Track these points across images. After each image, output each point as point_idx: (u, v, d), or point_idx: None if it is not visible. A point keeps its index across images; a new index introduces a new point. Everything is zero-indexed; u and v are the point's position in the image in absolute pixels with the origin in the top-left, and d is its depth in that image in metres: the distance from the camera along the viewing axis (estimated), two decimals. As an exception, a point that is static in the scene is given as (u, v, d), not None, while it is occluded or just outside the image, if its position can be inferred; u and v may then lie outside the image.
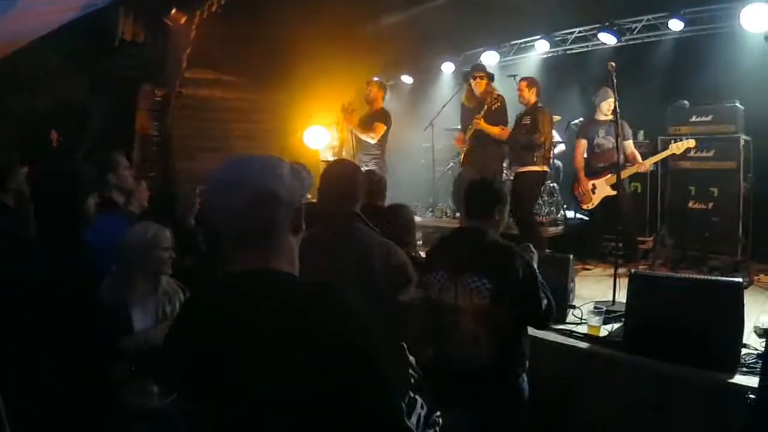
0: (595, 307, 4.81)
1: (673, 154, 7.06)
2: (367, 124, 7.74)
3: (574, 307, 5.16)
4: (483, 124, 7.29)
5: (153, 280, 3.36)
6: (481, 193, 3.54)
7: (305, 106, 11.23)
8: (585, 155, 7.62)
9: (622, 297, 4.98)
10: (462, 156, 7.90)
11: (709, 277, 4.42)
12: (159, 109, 10.43)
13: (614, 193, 7.03)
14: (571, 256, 5.18)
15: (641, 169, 7.21)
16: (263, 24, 9.38)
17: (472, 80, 7.60)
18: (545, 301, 3.25)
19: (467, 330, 3.27)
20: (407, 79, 11.37)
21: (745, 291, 6.07)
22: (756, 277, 6.61)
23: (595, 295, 5.83)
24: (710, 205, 7.20)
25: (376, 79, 10.89)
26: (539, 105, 7.28)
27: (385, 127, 7.69)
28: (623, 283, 5.12)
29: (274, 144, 10.92)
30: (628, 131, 7.24)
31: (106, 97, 10.07)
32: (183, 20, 9.41)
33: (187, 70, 10.32)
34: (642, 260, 7.39)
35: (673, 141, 7.07)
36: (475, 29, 9.65)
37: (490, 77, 7.61)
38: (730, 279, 4.21)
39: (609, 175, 7.19)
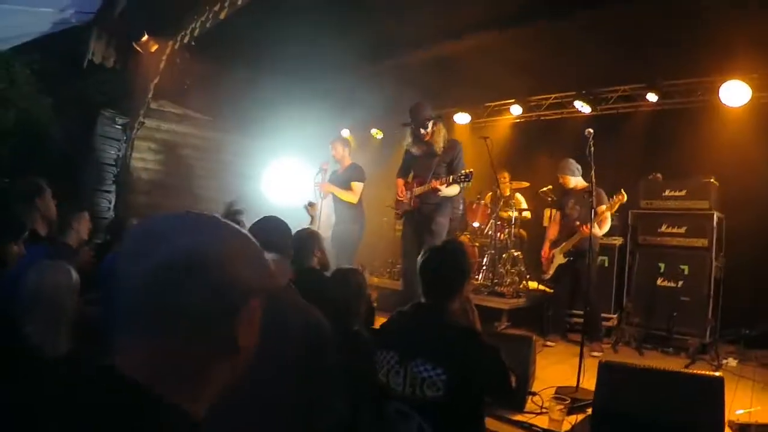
0: (557, 395, 4.10)
1: (635, 229, 6.75)
2: (343, 184, 7.06)
3: (533, 393, 4.42)
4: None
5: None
6: (444, 267, 2.93)
7: (271, 152, 10.53)
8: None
9: (586, 380, 4.43)
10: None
11: (688, 371, 3.71)
12: (118, 138, 9.64)
13: (564, 261, 6.55)
14: (534, 337, 4.57)
15: (584, 233, 6.39)
16: (236, 64, 8.91)
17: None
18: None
19: (413, 425, 2.68)
20: (377, 133, 10.75)
21: None
22: (724, 361, 5.97)
23: (556, 378, 5.08)
24: (680, 283, 6.62)
25: (344, 133, 10.53)
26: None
27: (362, 184, 7.06)
28: (587, 365, 4.59)
29: (235, 187, 10.17)
30: (602, 197, 6.52)
31: (67, 120, 9.30)
32: (154, 48, 8.79)
33: (153, 101, 9.69)
34: (605, 338, 6.69)
35: (639, 222, 6.78)
36: (448, 89, 9.27)
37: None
38: (712, 374, 3.56)
39: (564, 243, 6.63)
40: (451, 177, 5.82)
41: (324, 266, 4.34)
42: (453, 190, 5.97)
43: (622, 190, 6.17)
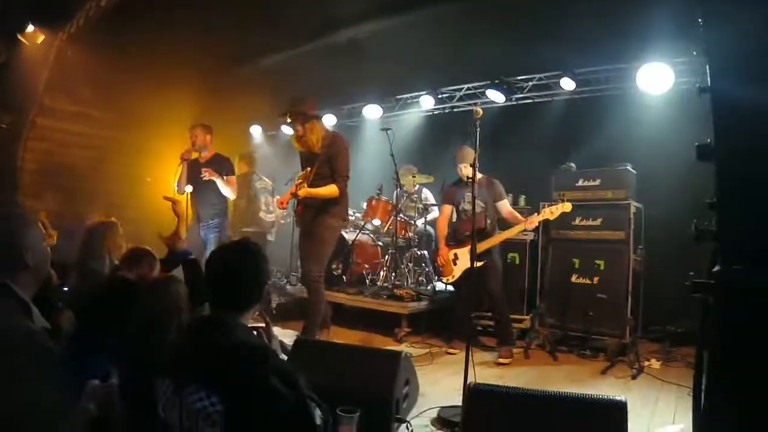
0: (438, 419, 3.51)
1: (547, 220, 5.61)
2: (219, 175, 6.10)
3: (402, 420, 3.45)
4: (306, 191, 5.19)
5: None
6: (228, 272, 2.28)
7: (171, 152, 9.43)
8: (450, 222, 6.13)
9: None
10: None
11: (582, 395, 2.69)
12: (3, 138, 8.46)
13: (480, 264, 5.42)
14: (404, 353, 3.61)
15: (528, 227, 5.65)
16: (134, 56, 7.89)
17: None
18: (318, 412, 2.16)
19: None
20: (288, 130, 9.72)
21: (634, 381, 4.73)
22: (647, 363, 5.22)
23: (447, 394, 4.17)
24: (595, 279, 5.82)
25: (253, 131, 9.55)
26: None
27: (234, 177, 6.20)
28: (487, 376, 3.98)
29: (132, 189, 9.06)
30: (501, 191, 5.83)
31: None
32: (40, 40, 7.73)
33: (45, 97, 8.52)
34: (518, 341, 5.81)
35: (547, 204, 5.61)
36: (358, 81, 8.42)
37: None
38: (611, 399, 2.64)
39: (479, 243, 5.53)
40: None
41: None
42: (329, 190, 5.12)
43: (565, 198, 5.44)
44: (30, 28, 7.64)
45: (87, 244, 3.92)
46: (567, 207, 5.45)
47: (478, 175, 5.57)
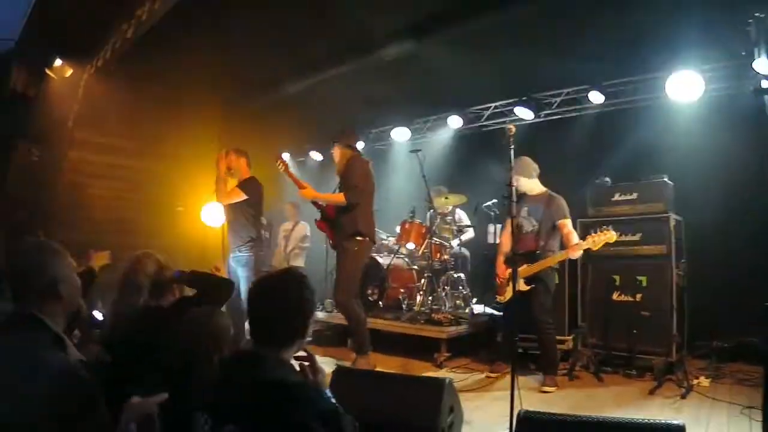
0: None
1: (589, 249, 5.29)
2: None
3: None
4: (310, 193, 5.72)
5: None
6: (266, 305, 2.13)
7: (202, 181, 9.44)
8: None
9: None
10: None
11: (639, 421, 2.55)
12: (35, 171, 8.54)
13: (527, 288, 5.26)
14: (448, 380, 3.41)
15: (571, 255, 5.30)
16: (160, 85, 7.99)
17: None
18: None
19: None
20: (316, 156, 9.74)
21: (683, 400, 4.52)
22: (695, 381, 4.99)
23: (491, 421, 4.05)
24: (638, 296, 5.62)
25: (285, 157, 9.51)
26: None
27: (245, 196, 5.84)
28: (533, 401, 3.87)
29: (163, 218, 9.07)
30: (563, 210, 5.47)
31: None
32: (68, 73, 7.85)
33: (75, 130, 8.63)
34: (561, 363, 5.54)
35: (592, 232, 5.26)
36: (385, 104, 8.42)
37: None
38: (670, 424, 2.43)
39: (525, 266, 5.33)
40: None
41: None
42: (334, 196, 5.60)
43: (611, 228, 5.09)
44: (58, 62, 7.76)
45: (124, 276, 3.86)
46: (611, 237, 5.03)
47: (541, 189, 5.53)
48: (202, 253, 8.42)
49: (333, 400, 1.93)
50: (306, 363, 2.23)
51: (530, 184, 5.53)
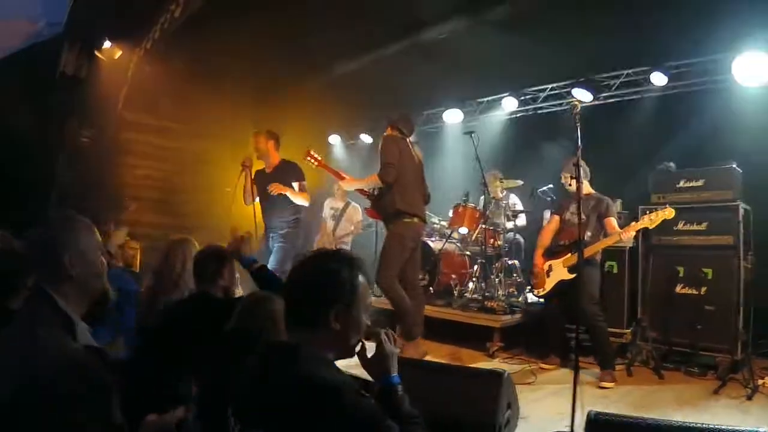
0: None
1: (646, 228, 5.14)
2: (286, 184, 5.91)
3: None
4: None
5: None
6: (299, 284, 1.87)
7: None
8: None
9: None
10: None
11: (720, 427, 2.37)
12: (84, 152, 8.64)
13: (571, 276, 5.14)
14: (507, 374, 3.30)
15: (623, 238, 5.10)
16: (209, 66, 7.96)
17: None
18: None
19: None
20: (367, 138, 9.62)
21: (750, 401, 4.28)
22: (761, 381, 4.70)
23: (549, 418, 3.86)
24: (702, 289, 5.36)
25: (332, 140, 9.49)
26: None
27: (295, 184, 5.91)
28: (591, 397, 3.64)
29: (212, 200, 9.09)
30: (611, 209, 5.36)
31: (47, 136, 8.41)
32: (118, 55, 7.88)
33: (126, 111, 8.71)
34: (619, 356, 5.40)
35: (648, 211, 5.10)
36: (437, 85, 8.19)
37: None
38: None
39: (568, 255, 5.28)
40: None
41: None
42: (369, 179, 5.55)
43: (667, 205, 4.91)
44: (107, 44, 7.82)
45: (163, 262, 3.80)
46: (669, 213, 4.90)
47: (589, 190, 5.37)
48: (251, 235, 8.41)
49: (373, 407, 1.65)
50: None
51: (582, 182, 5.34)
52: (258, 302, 2.62)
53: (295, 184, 5.91)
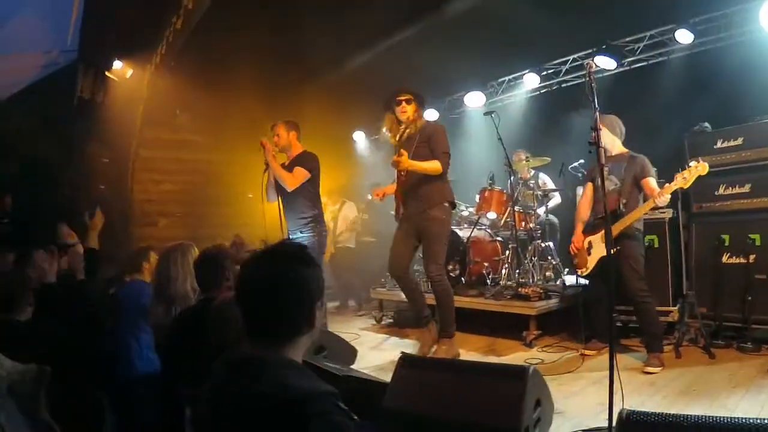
0: None
1: (682, 190, 4.82)
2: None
3: None
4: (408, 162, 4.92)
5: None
6: (255, 287, 1.63)
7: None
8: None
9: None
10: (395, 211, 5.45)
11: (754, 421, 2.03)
12: (107, 173, 8.72)
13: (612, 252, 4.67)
14: (532, 368, 2.89)
15: (658, 201, 4.59)
16: (219, 72, 7.92)
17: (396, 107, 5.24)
18: None
19: None
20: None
21: None
22: None
23: (589, 410, 3.57)
24: (751, 257, 4.93)
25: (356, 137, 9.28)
26: None
27: (309, 174, 5.41)
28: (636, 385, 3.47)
29: (238, 208, 9.03)
30: (647, 167, 4.88)
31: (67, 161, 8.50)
32: (129, 74, 7.92)
33: (144, 129, 8.75)
34: (666, 337, 4.98)
35: (680, 169, 4.61)
36: (456, 69, 7.88)
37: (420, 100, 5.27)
38: None
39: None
40: None
41: None
42: (432, 165, 5.00)
43: (700, 159, 4.48)
44: (117, 64, 7.86)
45: (158, 273, 3.70)
46: (703, 168, 4.41)
47: (622, 149, 5.00)
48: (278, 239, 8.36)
49: (349, 416, 1.43)
50: None
51: (613, 141, 4.97)
52: (230, 305, 2.51)
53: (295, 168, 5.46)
